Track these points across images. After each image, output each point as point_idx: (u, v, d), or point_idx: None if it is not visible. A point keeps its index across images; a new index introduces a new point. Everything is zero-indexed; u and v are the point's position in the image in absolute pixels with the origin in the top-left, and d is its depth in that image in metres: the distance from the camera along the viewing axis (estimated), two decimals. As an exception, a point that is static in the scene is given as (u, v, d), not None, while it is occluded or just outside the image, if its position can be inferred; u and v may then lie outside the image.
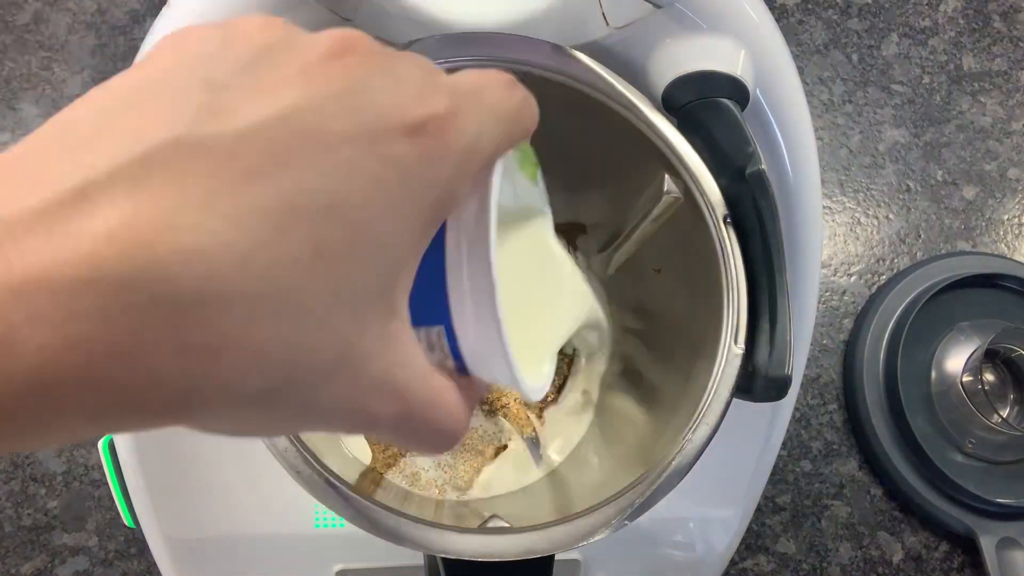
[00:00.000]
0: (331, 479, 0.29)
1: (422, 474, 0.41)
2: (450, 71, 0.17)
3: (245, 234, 0.13)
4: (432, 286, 0.17)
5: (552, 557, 0.30)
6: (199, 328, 0.13)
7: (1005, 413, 0.55)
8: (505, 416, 0.43)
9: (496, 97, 0.17)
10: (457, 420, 0.18)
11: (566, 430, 0.43)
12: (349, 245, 0.14)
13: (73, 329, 0.12)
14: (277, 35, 0.15)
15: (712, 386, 0.31)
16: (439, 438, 0.18)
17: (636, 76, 0.37)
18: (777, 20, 0.41)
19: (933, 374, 0.55)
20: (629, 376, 0.43)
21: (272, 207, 0.13)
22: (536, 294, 0.23)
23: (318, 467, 0.29)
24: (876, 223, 0.60)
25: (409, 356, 0.17)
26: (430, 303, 0.17)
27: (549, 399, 0.43)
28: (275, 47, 0.15)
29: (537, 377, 0.20)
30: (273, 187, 0.13)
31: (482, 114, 0.16)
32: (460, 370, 0.18)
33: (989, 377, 0.56)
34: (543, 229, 0.22)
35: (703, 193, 0.33)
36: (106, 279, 0.12)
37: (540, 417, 0.43)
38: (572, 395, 0.44)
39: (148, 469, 0.40)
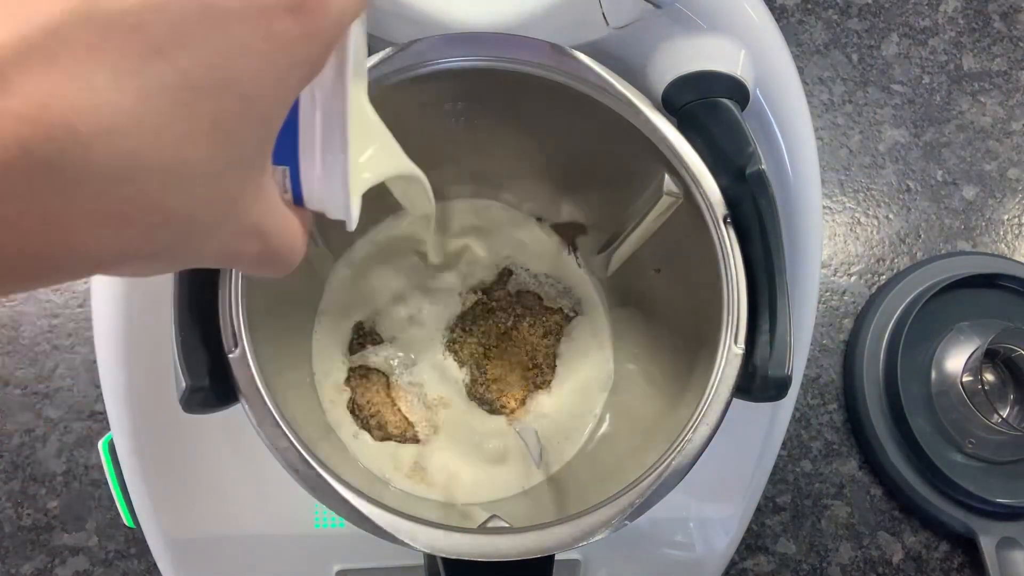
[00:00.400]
0: (331, 479, 0.29)
1: (429, 469, 0.41)
2: None
3: (154, 112, 0.14)
4: (283, 133, 0.20)
5: (552, 557, 0.30)
6: (118, 200, 0.14)
7: (1005, 413, 0.55)
8: (504, 413, 0.43)
9: None
10: (300, 249, 0.21)
11: (565, 431, 0.43)
12: (240, 118, 0.16)
13: (7, 210, 0.13)
14: None
15: (712, 386, 0.31)
16: (286, 264, 0.21)
17: (636, 76, 0.37)
18: (777, 20, 0.41)
19: (933, 374, 0.55)
20: (628, 375, 0.43)
21: (176, 84, 0.14)
22: (354, 143, 0.26)
23: (318, 467, 0.29)
24: (876, 223, 0.60)
25: (273, 203, 0.19)
26: (280, 147, 0.20)
27: (547, 389, 0.43)
28: None
29: (355, 211, 0.24)
30: (175, 65, 0.14)
31: None
32: (296, 202, 0.22)
33: (989, 377, 0.56)
34: (360, 90, 0.26)
35: (703, 193, 0.33)
36: (33, 160, 0.13)
37: (540, 415, 0.43)
38: (570, 395, 0.44)
39: (148, 469, 0.40)
